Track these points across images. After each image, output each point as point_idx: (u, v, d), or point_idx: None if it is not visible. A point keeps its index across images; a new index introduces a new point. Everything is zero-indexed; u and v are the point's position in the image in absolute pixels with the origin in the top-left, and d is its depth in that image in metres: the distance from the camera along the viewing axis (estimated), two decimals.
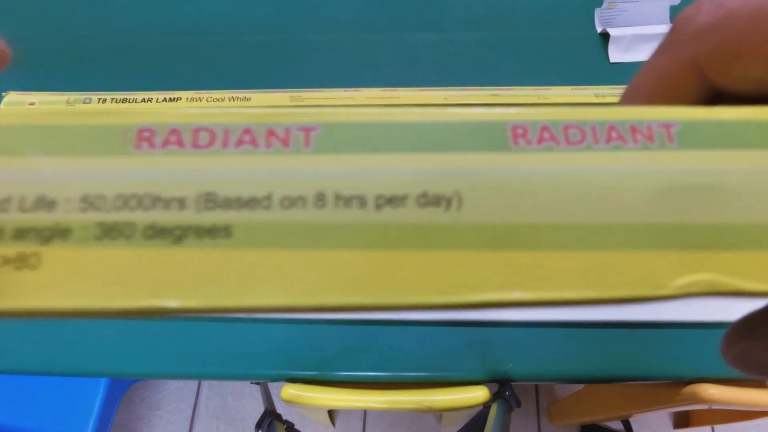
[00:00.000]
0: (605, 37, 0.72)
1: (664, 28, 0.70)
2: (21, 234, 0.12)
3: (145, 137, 0.13)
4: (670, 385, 0.61)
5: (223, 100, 0.66)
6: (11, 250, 0.12)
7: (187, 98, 0.66)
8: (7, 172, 0.13)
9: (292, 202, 0.13)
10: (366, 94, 0.67)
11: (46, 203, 0.13)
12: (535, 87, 0.67)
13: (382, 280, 0.13)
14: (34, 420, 0.87)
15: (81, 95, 0.67)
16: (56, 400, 0.88)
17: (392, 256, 0.13)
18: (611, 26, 0.71)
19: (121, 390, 0.99)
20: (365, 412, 1.24)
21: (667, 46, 0.16)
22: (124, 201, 0.13)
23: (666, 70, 0.16)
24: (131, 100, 0.66)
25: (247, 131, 0.13)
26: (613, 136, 0.14)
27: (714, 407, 0.62)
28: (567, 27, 0.74)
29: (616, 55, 0.71)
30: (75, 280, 0.12)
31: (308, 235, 0.13)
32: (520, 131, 0.14)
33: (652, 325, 0.56)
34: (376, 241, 0.13)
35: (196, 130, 0.13)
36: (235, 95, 0.67)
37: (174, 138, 0.13)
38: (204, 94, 0.67)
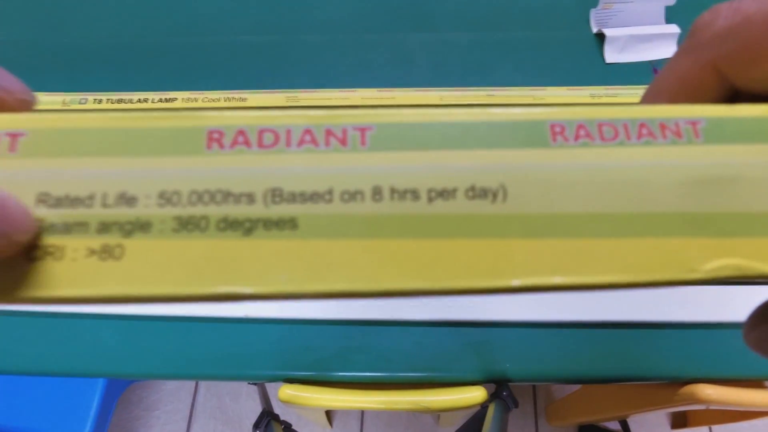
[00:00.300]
0: (601, 37, 0.72)
1: (659, 29, 0.70)
2: (105, 227, 0.14)
3: (214, 138, 0.15)
4: (668, 385, 0.62)
5: (218, 100, 0.66)
6: (96, 242, 0.13)
7: (183, 98, 0.66)
8: (89, 172, 0.14)
9: (351, 195, 0.14)
10: (361, 94, 0.67)
11: (126, 199, 0.14)
12: (531, 87, 0.67)
13: (436, 266, 0.14)
14: (32, 421, 0.87)
15: (77, 96, 0.67)
16: (54, 401, 0.88)
17: (444, 245, 0.14)
18: (607, 27, 0.71)
19: (119, 390, 0.99)
20: (362, 412, 1.24)
21: (688, 49, 0.17)
22: (198, 196, 0.14)
23: (687, 72, 0.17)
24: (127, 101, 0.66)
25: (307, 131, 0.15)
26: (643, 132, 0.15)
27: (711, 407, 0.63)
28: (562, 27, 0.74)
29: (611, 55, 0.71)
30: (156, 269, 0.13)
31: (367, 226, 0.14)
32: (558, 129, 0.15)
33: (650, 325, 0.56)
34: (430, 231, 0.14)
35: (261, 131, 0.15)
36: (230, 96, 0.67)
37: (241, 138, 0.15)
38: (199, 95, 0.67)
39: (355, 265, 0.14)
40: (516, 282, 0.14)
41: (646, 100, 0.18)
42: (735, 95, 0.17)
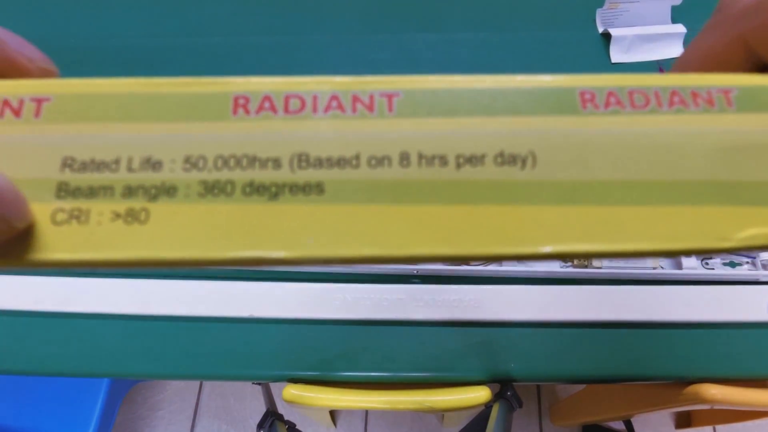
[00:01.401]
0: (606, 37, 0.72)
1: (665, 28, 0.70)
2: (130, 192, 0.14)
3: (240, 104, 0.15)
4: (672, 385, 0.61)
5: None
6: (121, 206, 0.13)
7: None
8: (114, 136, 0.14)
9: (378, 161, 0.14)
10: None
11: (152, 164, 0.14)
12: None
13: (464, 232, 0.14)
14: (36, 421, 0.87)
15: None
16: (58, 401, 0.88)
17: (472, 210, 0.14)
18: (613, 26, 0.71)
19: (123, 390, 0.99)
20: (366, 412, 1.24)
21: (714, 25, 0.17)
22: (224, 161, 0.14)
23: (714, 47, 0.17)
24: None
25: (334, 97, 0.15)
26: (675, 100, 0.15)
27: (716, 407, 0.62)
28: (568, 27, 0.74)
29: (617, 55, 0.71)
30: (182, 233, 0.13)
31: (395, 191, 0.14)
32: (588, 96, 0.15)
33: (654, 325, 0.56)
34: (458, 197, 0.14)
35: (288, 97, 0.15)
36: None
37: (267, 104, 0.15)
38: None
39: (382, 231, 0.14)
40: (546, 249, 0.13)
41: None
42: (763, 69, 0.17)
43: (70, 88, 0.15)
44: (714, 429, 1.22)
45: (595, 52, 0.72)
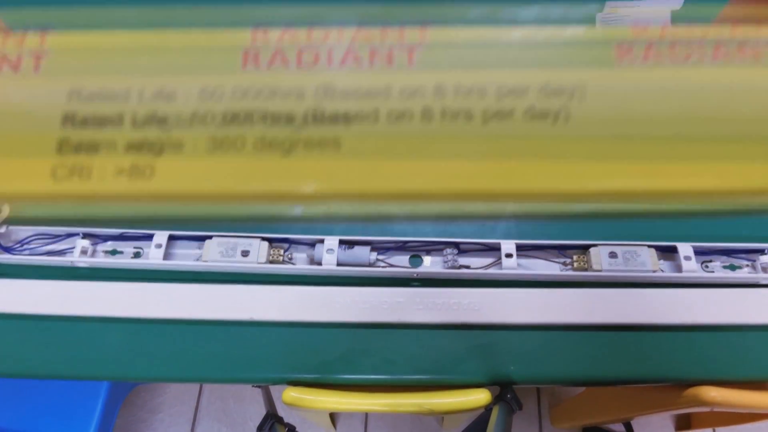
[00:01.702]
0: None
1: None
2: (134, 147, 0.13)
3: (251, 57, 0.14)
4: (672, 387, 0.61)
5: None
6: (125, 161, 0.13)
7: None
8: (117, 91, 0.14)
9: (399, 115, 0.13)
10: None
11: (157, 119, 0.13)
12: None
13: (491, 187, 0.13)
14: (36, 423, 0.87)
15: None
16: (58, 404, 0.88)
17: (500, 165, 0.13)
18: None
19: (123, 393, 0.99)
20: (366, 414, 1.23)
21: None
22: (233, 116, 0.13)
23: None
24: None
25: (350, 51, 0.14)
26: (720, 53, 0.14)
27: (716, 410, 0.62)
28: None
29: None
30: (188, 184, 0.13)
31: (417, 146, 0.13)
32: (625, 49, 0.14)
33: (654, 327, 0.56)
34: (485, 151, 0.13)
35: (301, 51, 0.14)
36: None
37: (279, 58, 0.14)
38: None
39: (403, 179, 0.13)
40: (591, 185, 0.13)
41: None
42: None
43: (71, 42, 0.14)
44: (714, 431, 1.22)
45: None
